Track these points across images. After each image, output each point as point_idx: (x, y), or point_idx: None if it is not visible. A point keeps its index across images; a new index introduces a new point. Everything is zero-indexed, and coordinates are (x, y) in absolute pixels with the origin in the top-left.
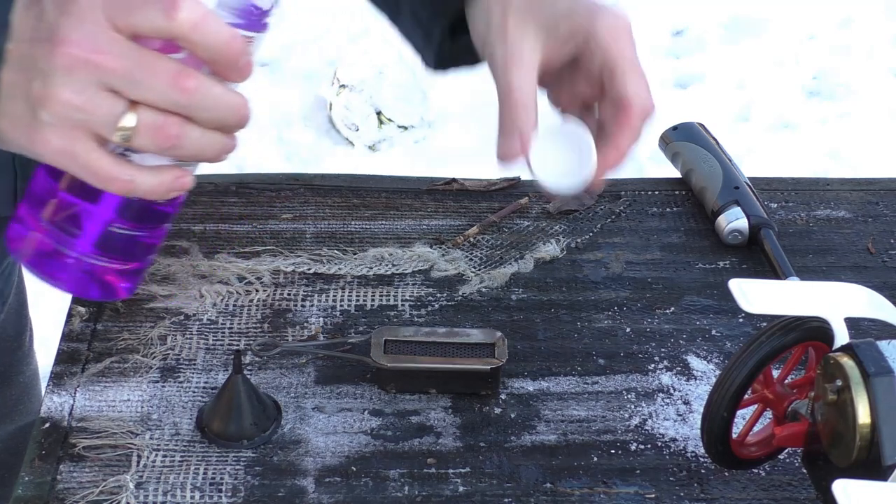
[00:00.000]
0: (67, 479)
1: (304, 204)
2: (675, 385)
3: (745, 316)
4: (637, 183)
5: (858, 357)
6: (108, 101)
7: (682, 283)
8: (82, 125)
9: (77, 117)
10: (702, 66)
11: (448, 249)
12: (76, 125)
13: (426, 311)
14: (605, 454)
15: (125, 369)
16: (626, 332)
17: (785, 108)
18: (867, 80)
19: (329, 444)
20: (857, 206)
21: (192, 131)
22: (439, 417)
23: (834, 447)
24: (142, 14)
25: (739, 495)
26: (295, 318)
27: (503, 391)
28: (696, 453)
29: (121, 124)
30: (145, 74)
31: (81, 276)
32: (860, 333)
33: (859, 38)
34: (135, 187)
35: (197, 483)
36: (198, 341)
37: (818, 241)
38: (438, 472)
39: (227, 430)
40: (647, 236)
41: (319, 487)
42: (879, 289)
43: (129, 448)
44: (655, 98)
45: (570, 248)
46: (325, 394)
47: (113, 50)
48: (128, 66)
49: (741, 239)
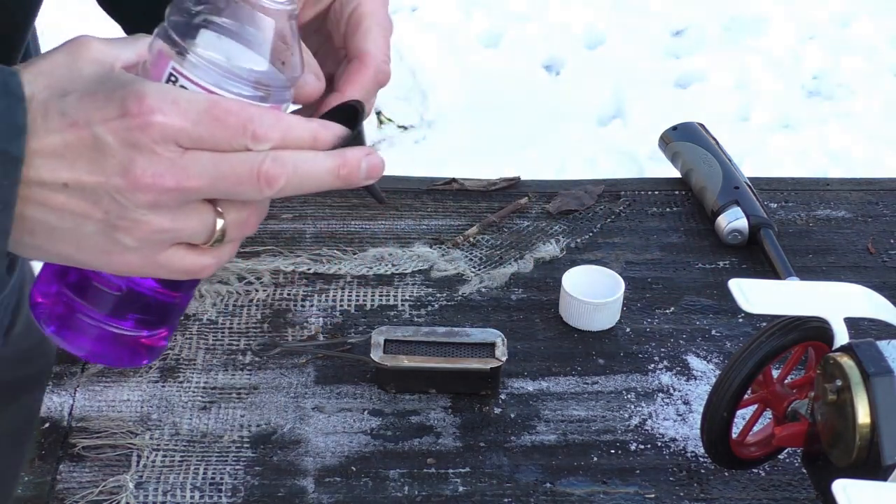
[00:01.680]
0: (67, 479)
1: (303, 204)
2: (675, 385)
3: (744, 316)
4: (637, 183)
5: (858, 357)
6: (197, 216)
7: (682, 283)
8: (171, 241)
9: (166, 238)
10: (702, 66)
11: (448, 249)
12: (164, 242)
13: (426, 311)
14: (605, 454)
15: (125, 369)
16: (626, 332)
17: (785, 108)
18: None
19: (329, 444)
20: (857, 206)
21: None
22: (439, 417)
23: (834, 447)
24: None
25: (739, 495)
26: (295, 318)
27: (503, 391)
28: (695, 453)
29: (213, 233)
30: (229, 184)
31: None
32: (860, 333)
33: (859, 38)
34: (213, 270)
35: (197, 483)
36: (198, 341)
37: (818, 241)
38: (438, 472)
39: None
40: (646, 236)
41: (319, 487)
42: (879, 289)
43: (128, 448)
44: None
45: (569, 248)
46: (324, 394)
47: (191, 171)
48: (210, 182)
49: (741, 239)
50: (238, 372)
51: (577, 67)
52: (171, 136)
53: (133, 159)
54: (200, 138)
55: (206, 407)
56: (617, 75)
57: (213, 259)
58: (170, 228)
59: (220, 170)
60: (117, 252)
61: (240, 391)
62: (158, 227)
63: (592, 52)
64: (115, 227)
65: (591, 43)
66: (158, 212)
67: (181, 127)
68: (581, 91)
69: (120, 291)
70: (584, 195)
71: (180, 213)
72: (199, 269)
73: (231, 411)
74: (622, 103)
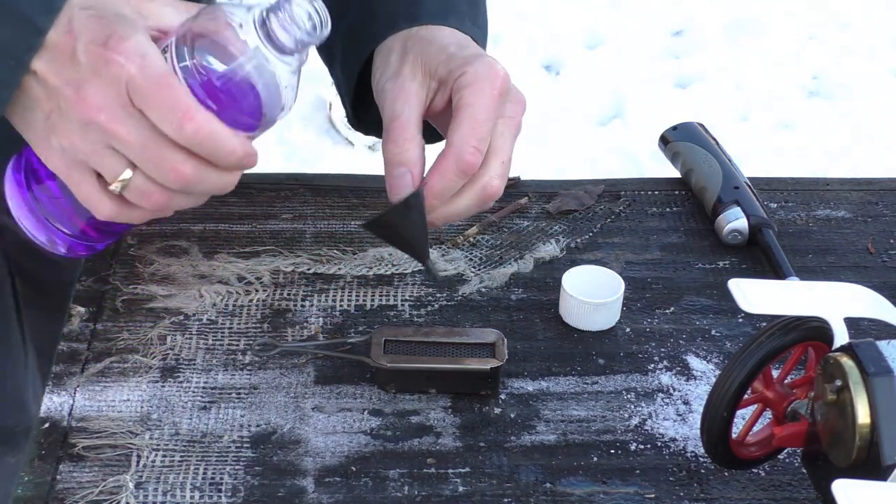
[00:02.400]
0: (67, 479)
1: (303, 204)
2: (675, 385)
3: (744, 316)
4: (637, 183)
5: (858, 357)
6: (112, 159)
7: (682, 283)
8: (85, 164)
9: (82, 158)
10: (702, 66)
11: (448, 249)
12: (81, 162)
13: (426, 311)
14: (605, 454)
15: (125, 369)
16: (626, 332)
17: (785, 108)
18: (867, 80)
19: (329, 444)
20: (857, 206)
21: (180, 199)
22: (439, 417)
23: (833, 447)
24: (157, 110)
25: (739, 495)
26: (295, 318)
27: (503, 391)
28: (695, 453)
29: (119, 178)
30: (150, 155)
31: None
32: (860, 333)
33: (859, 38)
34: (115, 218)
35: (197, 483)
36: (197, 341)
37: (818, 241)
38: (438, 472)
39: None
40: (646, 236)
41: (319, 487)
42: (879, 289)
43: (128, 448)
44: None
45: (569, 248)
46: (324, 394)
47: (127, 123)
48: (136, 142)
49: (741, 239)
50: (238, 372)
51: (577, 67)
52: (124, 78)
53: (88, 81)
54: (143, 96)
55: (206, 407)
56: (617, 75)
57: (112, 205)
58: (87, 152)
59: (148, 143)
60: (48, 147)
61: (240, 391)
62: (77, 145)
63: (592, 52)
64: (53, 126)
65: (591, 43)
66: (85, 133)
67: (133, 75)
68: (581, 91)
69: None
70: (584, 195)
71: (100, 145)
72: (96, 203)
73: (231, 411)
74: (622, 103)
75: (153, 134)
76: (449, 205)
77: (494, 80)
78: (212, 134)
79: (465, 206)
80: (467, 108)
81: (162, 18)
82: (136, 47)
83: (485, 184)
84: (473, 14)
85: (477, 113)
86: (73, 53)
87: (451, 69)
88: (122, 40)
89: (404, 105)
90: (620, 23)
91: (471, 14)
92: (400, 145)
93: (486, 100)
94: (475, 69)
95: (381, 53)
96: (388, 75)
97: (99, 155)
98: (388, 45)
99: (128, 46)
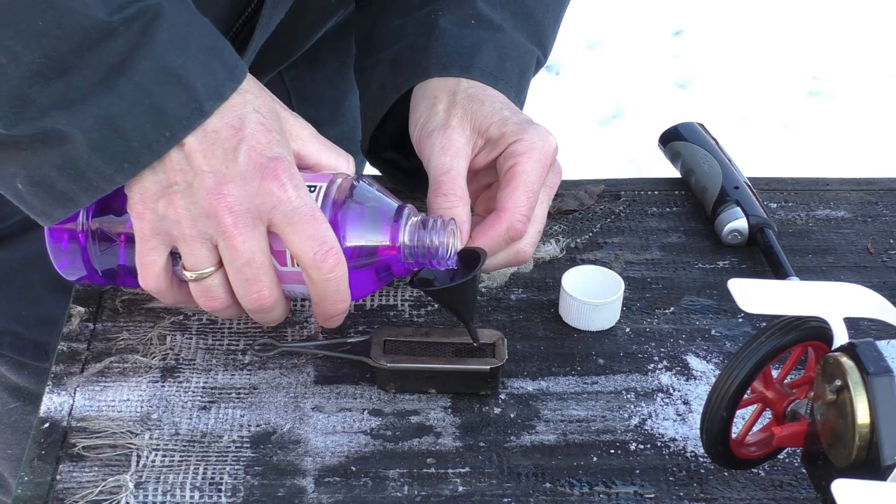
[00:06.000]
0: (67, 478)
1: None
2: (675, 385)
3: (744, 316)
4: (637, 183)
5: (858, 357)
6: (205, 252)
7: (682, 283)
8: (171, 240)
9: (175, 234)
10: (702, 66)
11: None
12: (170, 235)
13: (426, 311)
14: (605, 454)
15: (125, 369)
16: (626, 331)
17: (785, 108)
18: (867, 80)
19: (328, 444)
20: (857, 206)
21: (231, 310)
22: (439, 417)
23: (833, 447)
24: (302, 235)
25: (739, 495)
26: (295, 318)
27: (503, 391)
28: (695, 453)
29: (199, 270)
30: (249, 270)
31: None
32: (860, 333)
33: (859, 38)
34: (155, 293)
35: (196, 483)
36: (197, 341)
37: (818, 241)
38: (438, 472)
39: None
40: (646, 236)
41: (319, 487)
42: (879, 289)
43: (128, 448)
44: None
45: (569, 248)
46: (324, 394)
47: (247, 234)
48: (245, 254)
49: (741, 239)
50: (238, 372)
51: (577, 67)
52: (277, 197)
53: (234, 181)
54: (293, 220)
55: (205, 407)
56: (617, 75)
57: (164, 283)
58: (185, 233)
59: (255, 259)
60: (147, 207)
61: (239, 391)
62: (184, 223)
63: (592, 52)
64: (169, 195)
65: (591, 43)
66: (198, 219)
67: (291, 199)
68: (581, 91)
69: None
70: (584, 195)
71: (204, 237)
72: (151, 276)
73: (231, 411)
74: (622, 103)
75: (264, 255)
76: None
77: (547, 151)
78: (344, 276)
79: (495, 264)
80: (522, 175)
81: (305, 145)
82: (296, 175)
83: (519, 249)
84: (519, 87)
85: (531, 182)
86: (234, 149)
87: (504, 132)
88: (287, 164)
89: (453, 159)
90: (620, 23)
91: (517, 87)
92: (451, 201)
93: (539, 168)
94: (530, 137)
95: (425, 99)
96: (436, 124)
97: (196, 243)
98: (432, 92)
99: (292, 172)
